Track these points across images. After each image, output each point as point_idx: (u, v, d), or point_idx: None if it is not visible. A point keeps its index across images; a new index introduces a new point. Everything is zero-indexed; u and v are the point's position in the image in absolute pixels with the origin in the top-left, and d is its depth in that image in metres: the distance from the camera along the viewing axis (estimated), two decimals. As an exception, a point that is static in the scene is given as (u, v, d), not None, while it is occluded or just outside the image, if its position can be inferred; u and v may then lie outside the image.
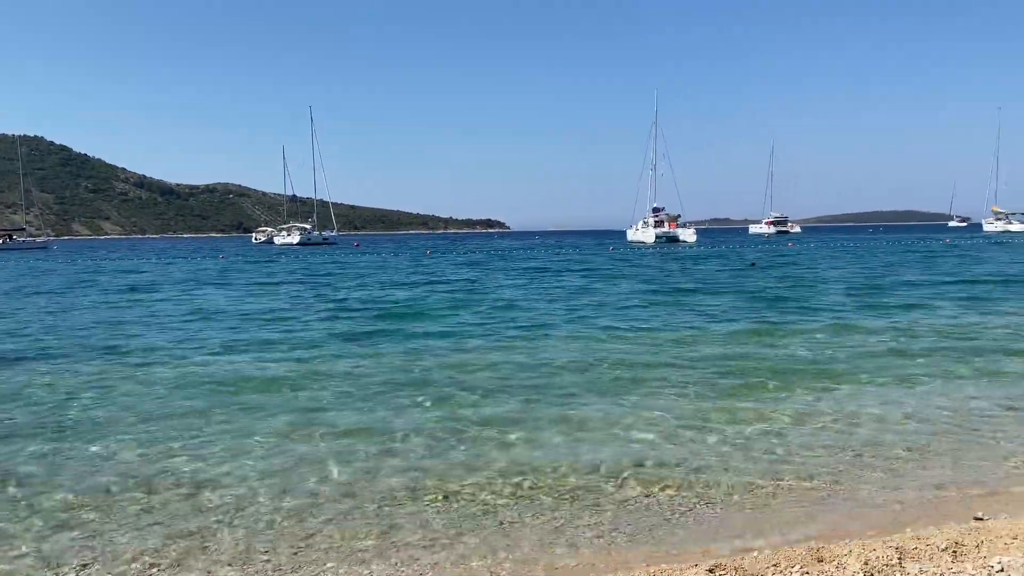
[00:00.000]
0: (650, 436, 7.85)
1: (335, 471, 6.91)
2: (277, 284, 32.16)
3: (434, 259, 56.25)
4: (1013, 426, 8.03)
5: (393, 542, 5.44)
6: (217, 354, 13.29)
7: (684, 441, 7.67)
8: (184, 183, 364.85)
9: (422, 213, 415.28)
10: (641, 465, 6.94)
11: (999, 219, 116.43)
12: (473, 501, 6.19)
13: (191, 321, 18.63)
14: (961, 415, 8.47)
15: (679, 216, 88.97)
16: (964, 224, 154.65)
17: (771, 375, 10.70)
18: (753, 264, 43.33)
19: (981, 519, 5.57)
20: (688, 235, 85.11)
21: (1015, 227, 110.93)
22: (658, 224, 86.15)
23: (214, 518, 5.88)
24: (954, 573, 3.83)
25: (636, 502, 6.13)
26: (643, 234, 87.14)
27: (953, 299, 20.90)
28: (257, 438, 7.92)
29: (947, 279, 28.42)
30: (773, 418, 8.44)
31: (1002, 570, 3.81)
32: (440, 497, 6.27)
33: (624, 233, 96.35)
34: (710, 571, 4.12)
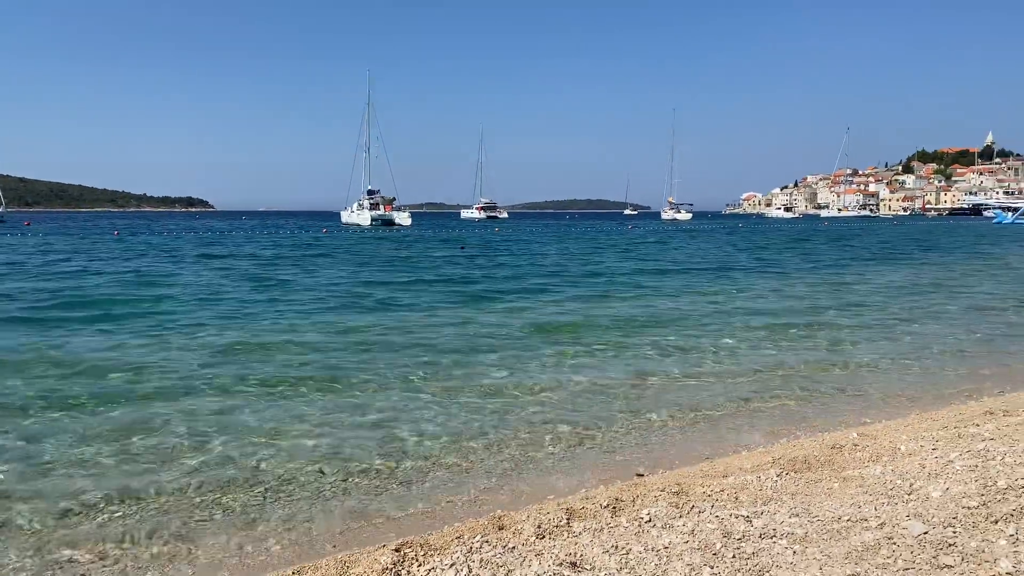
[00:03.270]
0: (347, 420, 7.81)
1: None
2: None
3: (121, 241, 50.92)
4: (668, 394, 9.14)
5: (55, 560, 4.82)
6: None
7: (378, 426, 7.71)
8: None
9: (111, 189, 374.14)
10: (338, 453, 6.86)
11: (672, 209, 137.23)
12: (158, 503, 5.70)
13: None
14: (624, 388, 9.47)
15: (394, 199, 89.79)
16: (636, 213, 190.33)
17: (461, 355, 11.15)
18: (463, 247, 45.18)
19: (642, 475, 6.27)
20: (403, 218, 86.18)
21: (682, 216, 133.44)
22: (373, 207, 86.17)
23: None
24: (612, 527, 4.24)
25: (332, 489, 6.04)
26: (358, 217, 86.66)
27: (628, 283, 23.40)
28: None
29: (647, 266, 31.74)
30: (464, 397, 8.80)
31: (649, 520, 4.29)
32: (119, 502, 5.70)
33: (339, 215, 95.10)
34: (397, 550, 4.14)
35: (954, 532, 3.56)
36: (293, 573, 4.23)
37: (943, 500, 4.14)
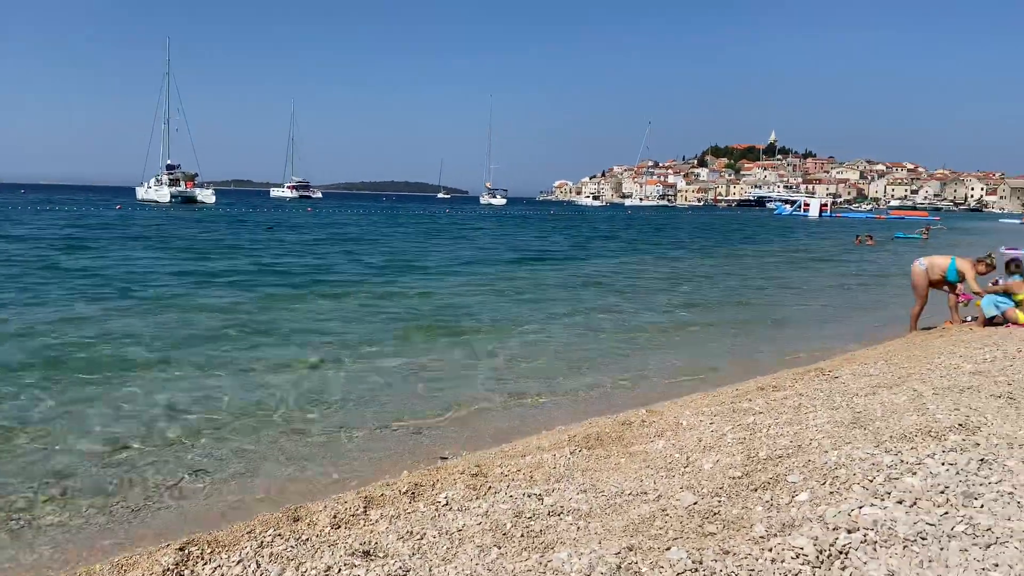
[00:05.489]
0: (130, 406, 7.33)
1: None
2: None
3: None
4: (480, 377, 9.32)
5: None
6: None
7: (166, 413, 7.29)
8: None
9: None
10: (119, 443, 6.38)
11: (488, 194, 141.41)
12: None
13: None
14: (437, 372, 9.56)
15: (196, 175, 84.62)
16: (449, 196, 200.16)
17: (261, 339, 10.78)
18: (270, 228, 43.39)
19: (445, 458, 6.32)
20: (206, 195, 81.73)
21: (497, 201, 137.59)
22: (173, 183, 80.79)
23: None
24: (409, 513, 4.26)
25: (113, 484, 5.61)
26: (156, 193, 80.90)
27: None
28: None
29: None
30: (267, 377, 8.52)
31: (447, 503, 4.35)
32: None
33: (135, 191, 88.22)
34: (181, 549, 3.91)
35: (719, 501, 3.88)
36: (63, 580, 3.90)
37: (713, 472, 4.51)
